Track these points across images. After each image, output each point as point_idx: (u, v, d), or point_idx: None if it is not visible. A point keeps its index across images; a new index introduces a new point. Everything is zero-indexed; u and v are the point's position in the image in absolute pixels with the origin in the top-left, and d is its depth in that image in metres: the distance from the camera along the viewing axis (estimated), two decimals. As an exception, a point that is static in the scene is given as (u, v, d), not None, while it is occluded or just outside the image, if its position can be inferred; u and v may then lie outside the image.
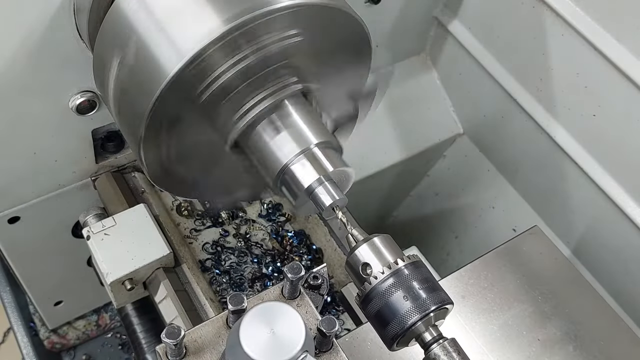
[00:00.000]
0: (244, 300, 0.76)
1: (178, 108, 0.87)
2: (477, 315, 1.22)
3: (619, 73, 1.41)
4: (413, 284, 0.80)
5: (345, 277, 1.43)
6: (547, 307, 1.24)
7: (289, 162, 0.89)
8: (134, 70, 0.89)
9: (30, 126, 1.21)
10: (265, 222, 1.53)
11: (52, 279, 1.68)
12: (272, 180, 0.91)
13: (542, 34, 1.55)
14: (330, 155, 0.91)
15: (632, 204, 1.53)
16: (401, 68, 1.94)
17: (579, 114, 1.57)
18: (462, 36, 1.80)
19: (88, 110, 1.24)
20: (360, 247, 0.83)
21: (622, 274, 1.64)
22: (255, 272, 1.47)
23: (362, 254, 0.83)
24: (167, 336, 0.73)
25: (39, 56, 1.10)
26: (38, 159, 1.29)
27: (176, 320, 1.25)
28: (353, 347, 1.16)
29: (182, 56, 0.83)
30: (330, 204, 0.89)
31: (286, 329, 0.70)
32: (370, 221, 2.20)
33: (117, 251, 1.26)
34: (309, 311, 0.84)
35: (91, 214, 1.36)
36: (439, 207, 2.13)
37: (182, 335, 0.74)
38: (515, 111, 1.74)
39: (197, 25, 0.84)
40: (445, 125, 1.98)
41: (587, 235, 1.71)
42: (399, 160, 1.92)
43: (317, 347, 0.82)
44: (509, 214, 1.92)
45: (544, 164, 1.74)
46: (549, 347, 1.19)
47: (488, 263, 1.28)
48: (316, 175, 0.88)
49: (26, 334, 1.81)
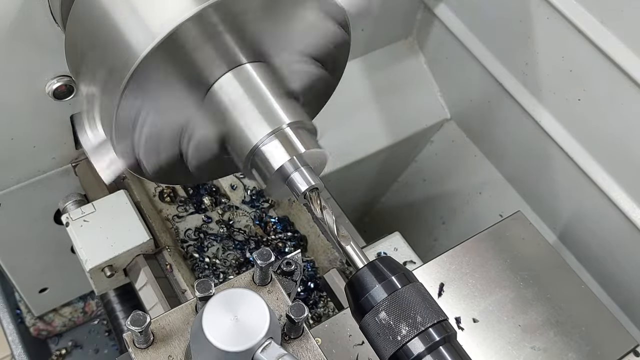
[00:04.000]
0: (212, 286, 0.75)
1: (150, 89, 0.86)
2: (458, 301, 1.21)
3: (604, 56, 1.40)
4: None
5: (329, 263, 1.42)
6: (529, 292, 1.23)
7: (259, 142, 0.87)
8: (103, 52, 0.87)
9: (6, 112, 1.20)
10: (249, 209, 1.52)
11: (36, 266, 1.67)
12: (242, 162, 0.89)
13: (528, 17, 1.54)
14: (304, 136, 0.88)
15: (617, 189, 1.53)
16: (388, 52, 1.92)
17: (564, 98, 1.56)
18: (448, 20, 1.79)
19: (66, 95, 1.22)
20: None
21: (608, 259, 1.63)
22: (239, 259, 1.46)
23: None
24: (132, 323, 0.73)
25: (12, 41, 1.08)
26: (16, 144, 1.27)
27: (156, 307, 1.25)
28: (332, 333, 1.16)
29: (153, 37, 0.82)
30: (305, 189, 0.87)
31: (250, 316, 0.69)
32: (357, 207, 2.19)
33: (97, 238, 1.25)
34: (279, 297, 0.83)
35: (70, 200, 1.35)
36: (426, 192, 2.13)
37: (148, 322, 0.73)
38: (502, 96, 1.73)
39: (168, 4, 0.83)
40: (432, 111, 1.97)
41: (573, 221, 1.71)
42: (386, 146, 1.91)
43: (287, 333, 0.81)
44: (496, 200, 1.92)
45: (529, 149, 1.73)
46: (530, 332, 1.19)
47: (470, 249, 1.28)
48: (287, 157, 0.85)
49: (12, 321, 1.81)
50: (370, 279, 0.81)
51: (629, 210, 1.52)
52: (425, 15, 1.87)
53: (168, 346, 0.78)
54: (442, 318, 0.79)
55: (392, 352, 0.78)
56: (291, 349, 0.81)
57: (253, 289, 0.82)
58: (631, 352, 1.20)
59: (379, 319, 0.79)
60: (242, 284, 0.84)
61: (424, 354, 0.77)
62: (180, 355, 0.78)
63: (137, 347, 0.78)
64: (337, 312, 1.34)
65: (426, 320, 0.78)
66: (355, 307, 0.82)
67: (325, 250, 1.44)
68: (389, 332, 0.78)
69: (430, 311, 0.79)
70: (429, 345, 0.77)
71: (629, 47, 1.36)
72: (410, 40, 1.96)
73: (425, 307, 0.79)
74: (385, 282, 0.80)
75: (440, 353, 0.78)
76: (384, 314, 0.79)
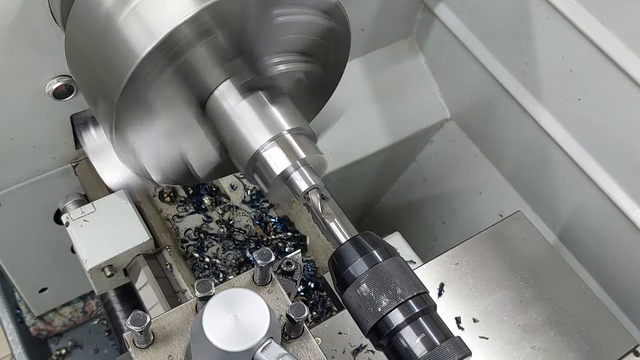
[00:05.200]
0: (212, 286, 0.75)
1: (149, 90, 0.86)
2: (458, 301, 1.21)
3: (604, 56, 1.40)
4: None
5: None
6: (529, 292, 1.23)
7: (260, 148, 0.88)
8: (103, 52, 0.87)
9: (6, 111, 1.20)
10: (249, 209, 1.52)
11: (36, 266, 1.67)
12: (243, 167, 0.90)
13: (527, 17, 1.54)
14: (303, 142, 0.90)
15: (617, 189, 1.53)
16: (388, 52, 1.92)
17: (564, 98, 1.56)
18: (448, 20, 1.79)
19: (66, 95, 1.22)
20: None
21: (608, 259, 1.63)
22: (239, 259, 1.46)
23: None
24: (132, 323, 0.73)
25: (12, 41, 1.08)
26: (16, 144, 1.27)
27: (156, 306, 1.25)
28: (332, 333, 1.16)
29: (153, 38, 0.82)
30: (306, 189, 0.88)
31: (250, 316, 0.69)
32: (357, 207, 2.19)
33: (97, 237, 1.25)
34: (280, 297, 0.83)
35: (70, 200, 1.35)
36: (426, 192, 2.12)
37: (148, 322, 0.73)
38: (502, 96, 1.73)
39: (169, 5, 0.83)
40: (432, 110, 1.96)
41: (572, 220, 1.70)
42: (386, 146, 1.91)
43: (287, 333, 0.81)
44: (496, 200, 1.92)
45: (530, 149, 1.73)
46: (530, 332, 1.19)
47: (470, 249, 1.28)
48: (288, 162, 0.87)
49: (12, 321, 1.81)
50: (352, 253, 0.82)
51: (629, 210, 1.52)
52: (425, 15, 1.87)
53: (168, 346, 0.78)
54: (422, 291, 0.81)
55: (373, 324, 0.79)
56: (291, 349, 0.81)
57: (253, 289, 0.81)
58: (631, 352, 1.20)
59: (360, 291, 0.80)
60: (242, 284, 0.84)
61: (404, 324, 0.78)
62: (180, 355, 0.78)
63: (137, 347, 0.78)
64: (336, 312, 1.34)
65: (406, 293, 0.79)
66: (338, 280, 0.83)
67: (325, 250, 1.44)
68: (370, 304, 0.79)
69: (410, 284, 0.80)
70: (408, 316, 0.78)
71: (629, 47, 1.36)
72: (410, 40, 1.96)
73: (405, 280, 0.80)
74: (367, 255, 0.81)
75: (419, 324, 0.79)
76: (365, 286, 0.80)
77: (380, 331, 0.79)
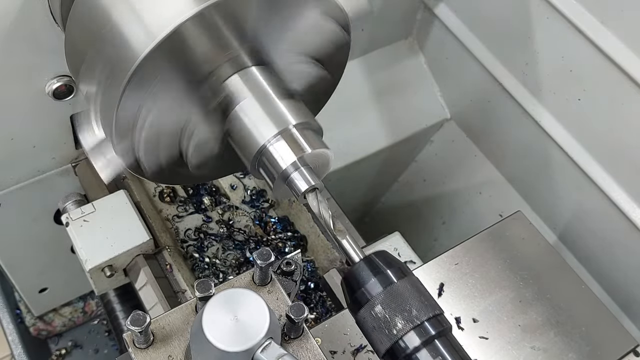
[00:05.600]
0: (212, 286, 0.75)
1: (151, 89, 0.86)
2: (458, 301, 1.21)
3: (604, 56, 1.40)
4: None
5: (329, 263, 1.42)
6: (529, 292, 1.23)
7: (266, 142, 0.87)
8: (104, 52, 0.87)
9: (6, 111, 1.20)
10: (249, 209, 1.52)
11: (36, 266, 1.67)
12: (249, 162, 0.90)
13: (528, 17, 1.54)
14: (309, 136, 0.89)
15: (617, 189, 1.53)
16: (388, 52, 1.92)
17: (564, 98, 1.56)
18: (448, 20, 1.79)
19: (65, 95, 1.22)
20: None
21: (608, 259, 1.63)
22: (239, 259, 1.46)
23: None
24: (132, 323, 0.73)
25: (12, 41, 1.08)
26: (15, 144, 1.27)
27: (156, 307, 1.25)
28: (332, 333, 1.16)
29: (153, 37, 0.82)
30: (305, 190, 0.88)
31: (250, 316, 0.69)
32: (357, 207, 2.19)
33: (96, 238, 1.25)
34: (279, 297, 0.83)
35: (70, 200, 1.35)
36: (427, 193, 2.12)
37: (148, 322, 0.73)
38: (502, 96, 1.73)
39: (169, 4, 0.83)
40: (433, 111, 1.96)
41: (573, 221, 1.70)
42: (386, 146, 1.91)
43: (287, 333, 0.81)
44: (496, 200, 1.92)
45: (530, 149, 1.73)
46: (530, 332, 1.19)
47: (470, 249, 1.28)
48: (294, 157, 0.86)
49: (12, 321, 1.81)
50: (366, 273, 0.81)
51: (629, 210, 1.52)
52: (425, 15, 1.87)
53: (168, 346, 0.78)
54: (437, 312, 0.79)
55: (388, 346, 0.78)
56: (291, 349, 0.81)
57: (253, 289, 0.82)
58: (631, 352, 1.20)
59: (374, 312, 0.79)
60: (242, 284, 0.84)
61: (420, 347, 0.77)
62: (180, 355, 0.78)
63: (137, 347, 0.78)
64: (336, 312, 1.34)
65: (421, 314, 0.78)
66: (351, 301, 0.82)
67: (325, 250, 1.44)
68: (385, 326, 0.78)
69: (425, 305, 0.79)
70: (424, 339, 0.77)
71: (629, 47, 1.36)
72: (410, 40, 1.96)
73: (420, 301, 0.79)
74: (381, 275, 0.80)
75: (435, 346, 0.77)
76: (379, 307, 0.78)
77: (396, 354, 0.78)
